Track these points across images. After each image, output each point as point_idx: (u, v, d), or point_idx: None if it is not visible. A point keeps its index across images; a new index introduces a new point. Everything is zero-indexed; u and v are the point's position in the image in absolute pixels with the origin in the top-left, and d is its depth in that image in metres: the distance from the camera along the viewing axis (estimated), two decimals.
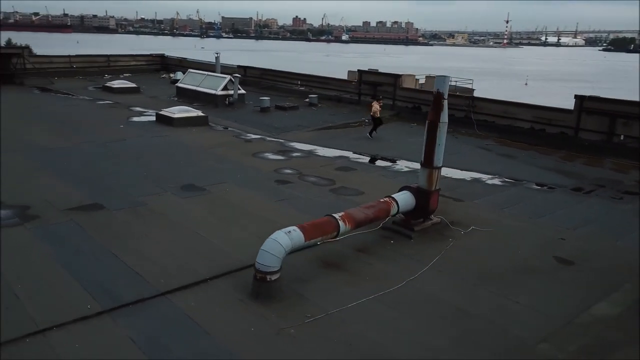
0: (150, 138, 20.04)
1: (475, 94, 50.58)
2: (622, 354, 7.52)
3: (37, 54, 47.47)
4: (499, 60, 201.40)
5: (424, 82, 45.33)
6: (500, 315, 8.46)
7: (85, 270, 9.16)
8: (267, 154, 18.53)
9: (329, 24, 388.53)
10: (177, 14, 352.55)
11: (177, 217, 12.01)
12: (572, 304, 8.89)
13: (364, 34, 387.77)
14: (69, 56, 38.31)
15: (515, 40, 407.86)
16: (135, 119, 23.74)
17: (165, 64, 41.35)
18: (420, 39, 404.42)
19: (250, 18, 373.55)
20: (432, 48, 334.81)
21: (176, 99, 29.38)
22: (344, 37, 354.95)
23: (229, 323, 7.83)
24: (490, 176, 16.93)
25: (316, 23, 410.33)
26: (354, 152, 19.36)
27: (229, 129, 22.56)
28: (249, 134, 21.69)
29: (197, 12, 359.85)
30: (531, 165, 18.59)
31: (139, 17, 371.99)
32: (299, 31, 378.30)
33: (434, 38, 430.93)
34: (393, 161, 18.51)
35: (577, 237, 12.00)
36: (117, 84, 31.20)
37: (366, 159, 18.73)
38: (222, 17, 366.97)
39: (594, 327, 8.22)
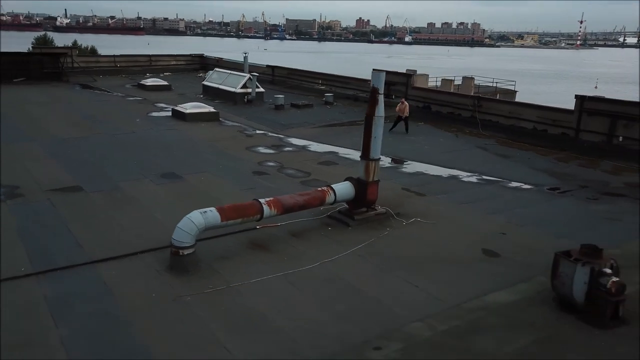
0: (158, 131, 21.46)
1: (520, 96, 49.73)
2: (485, 337, 7.82)
3: (103, 54, 51.01)
4: (569, 63, 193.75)
5: (460, 82, 45.19)
6: (391, 297, 8.93)
7: (35, 239, 10.39)
8: (260, 148, 19.46)
9: (392, 25, 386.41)
10: (243, 16, 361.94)
11: (143, 200, 13.14)
12: (471, 291, 9.20)
13: (427, 36, 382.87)
14: (114, 56, 40.93)
15: (590, 41, 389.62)
16: (155, 114, 25.34)
17: (203, 64, 43.26)
18: (487, 40, 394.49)
19: (314, 20, 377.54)
20: (499, 50, 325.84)
21: (202, 96, 30.90)
22: (407, 38, 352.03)
23: (136, 289, 8.77)
24: (469, 174, 17.06)
25: (380, 24, 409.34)
26: (346, 148, 19.92)
27: (238, 124, 23.68)
28: (253, 130, 22.72)
29: (262, 14, 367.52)
30: (523, 165, 18.50)
31: (207, 20, 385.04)
32: (362, 33, 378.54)
33: (502, 39, 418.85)
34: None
35: (521, 233, 12.10)
36: (150, 82, 33.16)
37: (355, 155, 19.23)
38: (286, 19, 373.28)
39: (476, 312, 8.53)
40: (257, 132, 22.37)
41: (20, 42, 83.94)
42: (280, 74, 36.28)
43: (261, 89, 29.57)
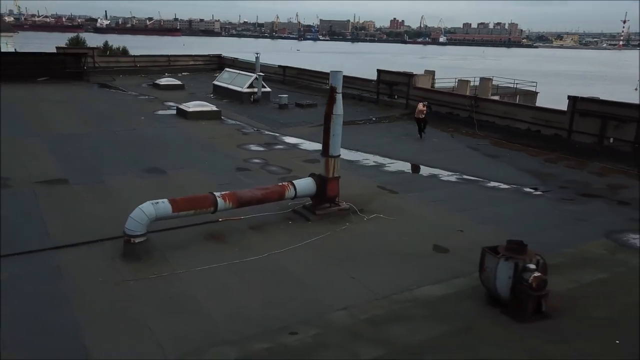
0: (158, 128, 22.28)
1: (541, 97, 48.96)
2: (401, 326, 8.13)
3: (135, 54, 52.63)
4: (610, 64, 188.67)
5: (478, 84, 44.88)
6: (325, 287, 9.32)
7: (7, 225, 11.14)
8: (251, 146, 20.03)
9: (426, 25, 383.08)
10: (277, 17, 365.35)
11: (121, 192, 13.83)
12: (406, 284, 9.49)
13: (462, 36, 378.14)
14: (134, 56, 42.27)
15: (634, 42, 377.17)
16: (161, 112, 26.23)
17: (221, 64, 44.17)
18: (524, 40, 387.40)
19: (348, 20, 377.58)
20: (537, 50, 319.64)
21: (212, 95, 31.73)
22: (442, 39, 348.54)
23: (86, 273, 9.40)
24: (451, 173, 17.21)
25: (414, 25, 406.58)
26: None
27: (238, 123, 24.31)
28: (252, 128, 23.32)
29: (297, 15, 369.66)
30: (509, 165, 18.51)
31: (242, 21, 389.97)
32: (396, 33, 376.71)
33: (540, 40, 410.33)
34: (366, 157, 19.22)
35: (479, 232, 12.23)
36: (164, 81, 34.20)
37: (343, 153, 19.56)
38: (320, 20, 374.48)
39: (403, 303, 8.84)
40: (255, 130, 22.96)
41: (60, 43, 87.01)
42: (291, 74, 36.87)
43: (267, 89, 30.17)
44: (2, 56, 42.02)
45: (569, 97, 20.05)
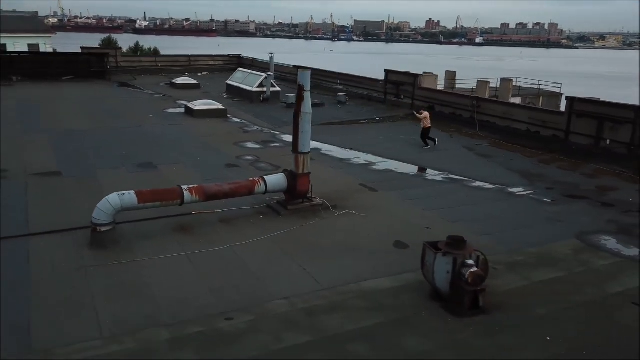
0: (163, 126, 23.01)
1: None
2: (336, 316, 8.40)
3: (164, 54, 54.18)
4: None
5: (498, 85, 44.35)
6: (274, 277, 9.66)
7: None
8: (249, 143, 20.50)
9: (462, 26, 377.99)
10: (311, 18, 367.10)
11: (108, 185, 14.31)
12: (355, 277, 9.74)
13: (500, 37, 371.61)
14: (155, 56, 43.41)
15: None
16: (171, 110, 27.01)
17: (240, 64, 44.92)
18: (564, 41, 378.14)
19: (382, 21, 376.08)
20: (577, 51, 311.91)
21: (225, 94, 32.42)
22: (478, 39, 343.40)
23: (51, 259, 9.98)
24: (438, 172, 17.28)
25: (450, 25, 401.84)
26: (331, 145, 20.59)
27: (242, 121, 24.84)
28: (254, 126, 23.81)
29: (331, 16, 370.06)
30: (500, 166, 18.43)
31: (276, 22, 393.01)
32: (431, 34, 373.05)
33: (581, 40, 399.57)
34: (359, 155, 19.43)
35: (447, 230, 12.17)
36: (180, 80, 35.09)
37: (336, 151, 19.90)
38: (355, 21, 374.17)
39: (345, 295, 9.09)
40: (256, 128, 23.44)
41: (95, 43, 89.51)
42: None
43: (277, 88, 30.66)
44: (33, 56, 43.98)
45: (567, 98, 19.82)
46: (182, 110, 26.56)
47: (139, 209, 10.94)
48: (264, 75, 30.39)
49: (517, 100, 41.93)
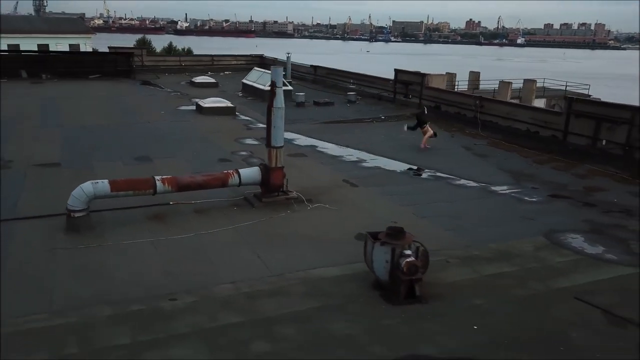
0: (171, 122, 23.90)
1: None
2: (273, 300, 8.82)
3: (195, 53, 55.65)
4: None
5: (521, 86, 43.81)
6: (228, 263, 10.18)
7: None
8: (248, 140, 21.11)
9: (503, 26, 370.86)
10: (349, 18, 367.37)
11: (102, 176, 14.84)
12: (306, 265, 10.13)
13: (542, 37, 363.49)
14: (179, 56, 44.68)
15: None
16: (183, 107, 27.93)
17: (263, 64, 45.73)
18: (611, 42, 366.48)
19: (421, 22, 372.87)
20: (624, 52, 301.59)
21: (240, 93, 33.21)
22: (519, 40, 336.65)
23: (28, 240, 10.76)
24: (425, 170, 17.46)
25: (491, 26, 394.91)
26: (328, 142, 20.99)
27: (249, 118, 25.51)
28: (259, 124, 24.36)
29: (369, 16, 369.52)
30: (492, 165, 18.43)
31: (314, 23, 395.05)
32: (471, 35, 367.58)
33: (629, 41, 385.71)
34: (352, 153, 19.74)
35: (413, 224, 12.51)
36: (199, 79, 36.11)
37: (332, 148, 20.27)
38: (393, 22, 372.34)
39: (290, 281, 9.49)
40: (261, 125, 23.91)
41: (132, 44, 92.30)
42: (321, 73, 37.77)
43: (289, 87, 31.20)
44: (65, 54, 45.94)
45: (565, 98, 19.62)
46: (194, 107, 27.41)
47: (112, 197, 11.62)
48: None
49: (541, 102, 41.33)
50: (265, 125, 23.67)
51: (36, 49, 57.32)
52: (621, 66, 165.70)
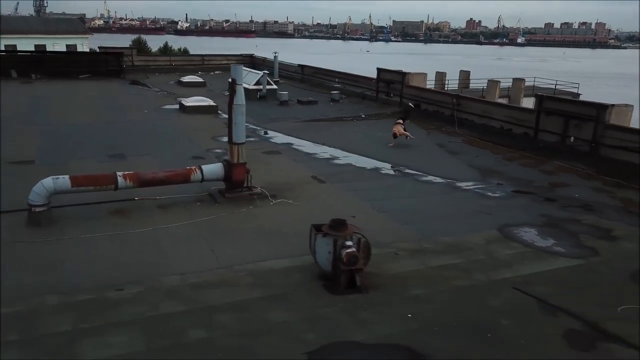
0: (153, 121, 24.21)
1: (583, 99, 47.35)
2: (219, 290, 9.12)
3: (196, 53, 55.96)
4: None
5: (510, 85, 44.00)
6: (180, 256, 10.45)
7: None
8: (225, 138, 20.94)
9: (504, 26, 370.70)
10: (349, 18, 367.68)
11: (74, 172, 15.52)
12: (258, 257, 10.41)
13: (543, 37, 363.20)
14: (170, 55, 44.98)
15: None
16: (167, 106, 28.23)
17: (253, 63, 46.05)
18: (612, 41, 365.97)
19: (421, 21, 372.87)
20: (624, 51, 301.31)
21: (226, 92, 33.43)
22: (520, 39, 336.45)
23: None
24: (396, 167, 17.74)
25: (492, 26, 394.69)
26: (305, 140, 21.27)
27: None
28: None
29: (369, 16, 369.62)
30: (462, 162, 18.68)
31: (315, 23, 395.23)
32: (471, 34, 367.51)
33: (630, 40, 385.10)
34: (326, 150, 20.01)
35: (370, 219, 12.84)
36: (187, 79, 36.41)
37: (308, 146, 20.54)
38: (393, 21, 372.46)
39: (238, 272, 9.79)
40: None
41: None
42: (308, 72, 38.06)
43: (274, 86, 31.53)
44: (57, 54, 46.25)
45: (536, 96, 19.88)
46: (178, 106, 27.71)
47: (73, 192, 11.92)
48: (261, 73, 31.29)
49: (530, 101, 41.52)
50: (245, 124, 24.32)
51: (33, 49, 57.92)
52: (622, 65, 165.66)
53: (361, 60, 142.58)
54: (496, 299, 9.19)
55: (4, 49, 53.23)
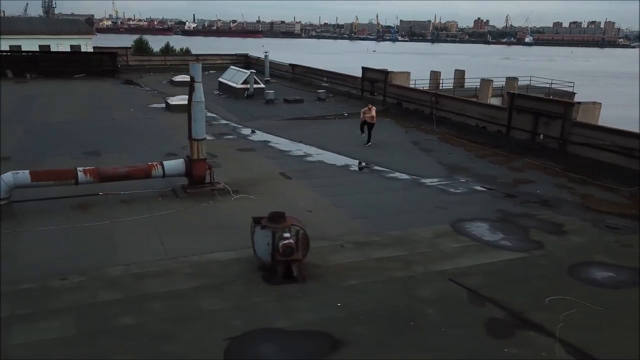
0: (136, 119, 24.62)
1: (578, 99, 47.30)
2: (162, 280, 9.44)
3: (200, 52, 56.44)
4: None
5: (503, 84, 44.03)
6: (130, 248, 10.77)
7: None
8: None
9: (512, 25, 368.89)
10: (356, 18, 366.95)
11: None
12: (205, 250, 10.71)
13: (551, 36, 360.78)
14: (164, 56, 45.45)
15: None
16: (154, 105, 28.63)
17: (247, 62, 46.43)
18: (621, 40, 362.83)
19: (429, 21, 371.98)
20: (633, 51, 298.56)
21: (216, 91, 33.89)
22: (527, 39, 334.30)
23: None
24: (364, 164, 18.02)
25: (500, 25, 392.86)
26: (283, 138, 21.55)
27: (214, 115, 26.09)
28: (222, 120, 25.07)
29: (377, 16, 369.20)
30: (432, 159, 18.87)
31: (322, 22, 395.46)
32: (479, 34, 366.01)
33: (639, 39, 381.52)
34: (301, 147, 20.27)
35: (327, 212, 13.17)
36: (179, 78, 36.77)
37: (285, 144, 20.82)
38: (400, 21, 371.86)
39: (183, 264, 10.10)
40: (223, 122, 24.69)
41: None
42: (299, 72, 38.35)
43: (261, 85, 31.86)
44: (53, 55, 46.88)
45: (508, 94, 20.03)
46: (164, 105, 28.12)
47: (33, 186, 12.29)
48: (249, 72, 31.64)
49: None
50: (227, 122, 24.70)
51: (37, 49, 58.71)
52: (630, 65, 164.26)
53: (366, 60, 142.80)
54: (427, 290, 9.43)
55: (8, 49, 53.96)
